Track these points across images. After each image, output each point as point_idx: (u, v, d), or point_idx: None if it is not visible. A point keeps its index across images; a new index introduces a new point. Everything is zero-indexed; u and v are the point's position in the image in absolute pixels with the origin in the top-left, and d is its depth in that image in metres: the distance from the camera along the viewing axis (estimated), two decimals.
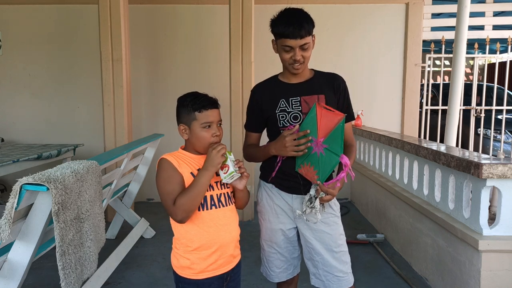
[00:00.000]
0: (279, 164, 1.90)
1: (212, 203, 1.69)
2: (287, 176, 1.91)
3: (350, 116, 1.94)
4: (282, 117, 1.88)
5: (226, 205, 1.73)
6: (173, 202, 1.62)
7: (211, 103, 1.71)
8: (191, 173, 1.68)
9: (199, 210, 1.66)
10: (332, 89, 1.92)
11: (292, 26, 1.77)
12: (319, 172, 1.76)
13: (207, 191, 1.67)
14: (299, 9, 1.84)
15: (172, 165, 1.67)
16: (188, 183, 1.66)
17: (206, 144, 1.70)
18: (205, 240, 1.68)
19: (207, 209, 1.68)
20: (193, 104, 1.69)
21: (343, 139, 1.72)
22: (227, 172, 1.66)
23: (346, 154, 1.79)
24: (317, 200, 1.78)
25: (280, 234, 1.97)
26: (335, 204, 1.98)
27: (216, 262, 1.70)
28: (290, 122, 1.87)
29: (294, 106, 1.87)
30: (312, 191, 1.81)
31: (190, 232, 1.68)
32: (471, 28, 5.38)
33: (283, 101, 1.88)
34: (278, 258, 2.00)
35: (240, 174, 1.68)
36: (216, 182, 1.72)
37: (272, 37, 1.90)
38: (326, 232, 1.93)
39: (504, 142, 6.03)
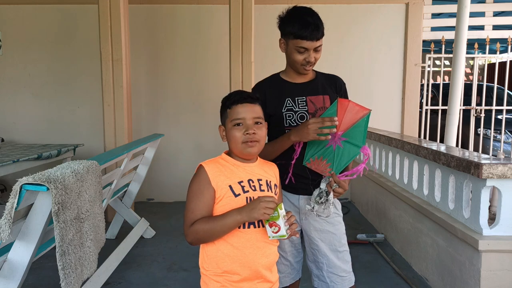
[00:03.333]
0: (293, 163, 1.84)
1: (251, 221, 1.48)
2: (293, 177, 1.88)
3: None
4: (289, 116, 1.86)
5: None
6: (191, 222, 1.47)
7: (243, 97, 1.53)
8: (230, 186, 1.48)
9: None
10: (334, 90, 1.94)
11: (310, 28, 1.74)
12: (333, 165, 1.75)
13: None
14: (309, 8, 1.82)
15: (207, 177, 1.48)
16: (221, 197, 1.48)
17: (238, 144, 1.51)
18: (238, 263, 1.47)
19: (244, 227, 1.48)
20: (226, 101, 1.55)
21: (366, 136, 1.73)
22: (276, 232, 1.44)
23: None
24: (331, 194, 1.74)
25: None
26: (337, 203, 1.98)
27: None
28: (297, 122, 1.85)
29: (301, 106, 1.86)
30: (323, 185, 1.76)
31: (222, 250, 1.48)
32: (471, 28, 5.38)
33: (289, 100, 1.87)
34: (282, 262, 1.96)
35: (288, 234, 1.45)
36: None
37: (279, 35, 1.86)
38: (331, 232, 1.92)
39: (504, 142, 6.03)
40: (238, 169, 1.54)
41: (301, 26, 1.76)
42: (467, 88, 5.81)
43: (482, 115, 5.47)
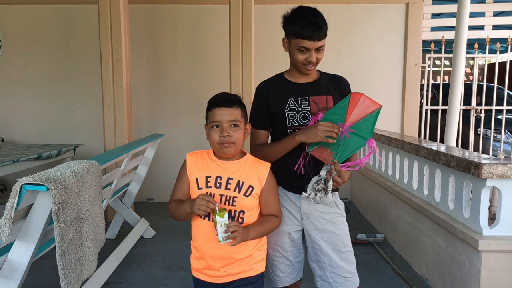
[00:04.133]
0: (302, 163, 1.84)
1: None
2: (296, 176, 1.87)
3: None
4: (292, 116, 1.86)
5: None
6: (170, 201, 1.73)
7: (223, 101, 1.65)
8: (196, 178, 1.68)
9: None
10: (338, 90, 1.93)
11: (312, 28, 1.75)
12: (336, 154, 1.75)
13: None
14: (314, 9, 1.83)
15: (185, 166, 1.72)
16: (191, 187, 1.70)
17: (214, 144, 1.66)
18: (197, 243, 1.73)
19: (200, 217, 1.67)
20: (208, 103, 1.69)
21: (373, 130, 1.73)
22: (217, 234, 1.56)
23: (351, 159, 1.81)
24: (330, 182, 1.74)
25: (286, 237, 1.93)
26: (340, 203, 1.98)
27: (204, 269, 1.72)
28: (299, 122, 1.85)
29: (303, 106, 1.86)
30: (323, 173, 1.76)
31: (193, 227, 1.74)
32: (471, 28, 5.38)
33: (291, 100, 1.87)
34: (283, 262, 1.96)
35: (224, 241, 1.56)
36: (221, 195, 1.66)
37: (279, 35, 1.86)
38: (333, 232, 1.91)
39: (504, 142, 6.03)
40: (213, 164, 1.70)
41: (303, 26, 1.76)
42: (467, 88, 5.81)
43: (482, 115, 5.47)
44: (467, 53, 4.57)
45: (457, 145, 4.78)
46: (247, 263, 1.72)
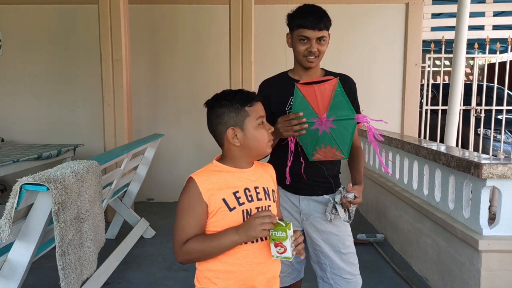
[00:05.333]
0: (288, 165, 1.82)
1: None
2: (293, 177, 1.86)
3: None
4: None
5: (266, 239, 1.37)
6: (183, 241, 1.32)
7: (257, 95, 1.43)
8: (224, 199, 1.34)
9: None
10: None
11: (311, 17, 1.77)
12: (339, 147, 1.70)
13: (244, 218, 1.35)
14: (317, 6, 1.85)
15: (198, 191, 1.33)
16: (215, 212, 1.34)
17: (263, 145, 1.40)
18: (233, 281, 1.37)
19: (247, 242, 1.35)
20: (240, 99, 1.37)
21: (349, 102, 1.65)
22: (282, 253, 1.33)
23: (354, 157, 1.82)
24: (354, 207, 1.73)
25: None
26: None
27: None
28: None
29: None
30: (337, 198, 1.73)
31: (216, 267, 1.37)
32: (471, 28, 5.38)
33: (293, 98, 1.84)
34: (283, 262, 1.95)
35: (294, 255, 1.35)
36: (257, 208, 1.39)
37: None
38: (334, 233, 1.90)
39: (504, 142, 6.03)
40: (233, 177, 1.40)
41: (303, 16, 1.79)
42: (467, 88, 5.81)
43: (482, 115, 5.46)
44: (467, 53, 4.57)
45: (457, 145, 4.78)
46: (277, 280, 1.55)
